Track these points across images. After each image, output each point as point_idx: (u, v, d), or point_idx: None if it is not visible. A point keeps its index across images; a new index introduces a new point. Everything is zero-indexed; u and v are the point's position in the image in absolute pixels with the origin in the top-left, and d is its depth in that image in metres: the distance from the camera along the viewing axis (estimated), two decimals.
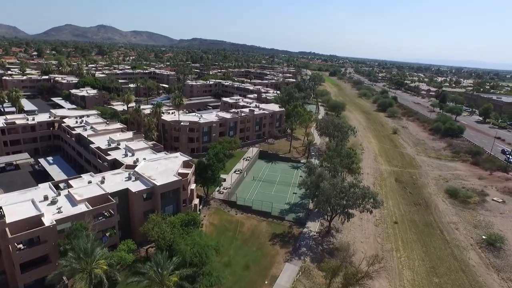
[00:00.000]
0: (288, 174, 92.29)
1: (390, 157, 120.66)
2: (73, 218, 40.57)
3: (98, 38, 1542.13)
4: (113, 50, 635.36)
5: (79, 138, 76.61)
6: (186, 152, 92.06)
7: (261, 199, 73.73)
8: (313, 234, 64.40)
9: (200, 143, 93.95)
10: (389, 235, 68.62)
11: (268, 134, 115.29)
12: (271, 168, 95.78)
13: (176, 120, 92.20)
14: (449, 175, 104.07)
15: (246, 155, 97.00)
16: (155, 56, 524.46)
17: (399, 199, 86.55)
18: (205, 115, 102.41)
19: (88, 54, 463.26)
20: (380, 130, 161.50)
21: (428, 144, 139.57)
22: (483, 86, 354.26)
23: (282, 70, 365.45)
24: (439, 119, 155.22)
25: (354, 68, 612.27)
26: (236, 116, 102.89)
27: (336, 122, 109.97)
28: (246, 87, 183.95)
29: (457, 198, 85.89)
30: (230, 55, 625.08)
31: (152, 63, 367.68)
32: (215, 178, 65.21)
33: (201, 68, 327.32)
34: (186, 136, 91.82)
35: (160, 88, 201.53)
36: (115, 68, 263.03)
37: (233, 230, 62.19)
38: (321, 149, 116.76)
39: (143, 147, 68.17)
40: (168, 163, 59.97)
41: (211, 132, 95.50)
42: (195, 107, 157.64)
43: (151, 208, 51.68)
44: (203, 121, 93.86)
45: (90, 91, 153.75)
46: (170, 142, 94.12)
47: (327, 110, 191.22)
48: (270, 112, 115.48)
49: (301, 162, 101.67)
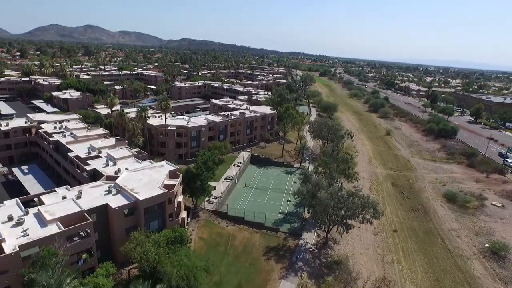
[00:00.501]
0: (281, 180, 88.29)
1: (385, 159, 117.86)
2: (41, 242, 35.56)
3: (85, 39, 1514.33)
4: (100, 50, 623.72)
5: (57, 145, 71.10)
6: (174, 158, 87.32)
7: (253, 209, 69.51)
8: (309, 246, 60.49)
9: (188, 149, 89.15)
10: (389, 245, 65.16)
11: (259, 137, 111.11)
12: (263, 174, 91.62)
13: (163, 125, 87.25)
14: (445, 178, 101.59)
15: (237, 161, 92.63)
16: (144, 56, 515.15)
17: (397, 205, 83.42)
18: (193, 119, 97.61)
19: (74, 54, 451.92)
20: (373, 132, 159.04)
21: (422, 145, 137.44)
22: (471, 86, 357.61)
23: (273, 70, 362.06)
24: (432, 120, 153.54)
25: (344, 68, 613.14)
26: (226, 120, 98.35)
27: (329, 125, 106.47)
28: (236, 88, 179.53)
29: (456, 203, 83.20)
30: (220, 56, 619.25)
31: (140, 64, 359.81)
32: (205, 188, 60.70)
33: (190, 69, 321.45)
34: (173, 141, 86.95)
35: (147, 90, 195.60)
36: (101, 69, 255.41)
37: (224, 244, 57.79)
38: (314, 153, 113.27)
39: (126, 155, 63.18)
40: (152, 173, 55.22)
41: (200, 137, 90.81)
42: (183, 110, 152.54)
43: (134, 224, 46.93)
44: (191, 125, 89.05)
45: (73, 93, 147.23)
46: (156, 147, 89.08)
47: (319, 111, 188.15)
48: (261, 114, 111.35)
49: (294, 167, 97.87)
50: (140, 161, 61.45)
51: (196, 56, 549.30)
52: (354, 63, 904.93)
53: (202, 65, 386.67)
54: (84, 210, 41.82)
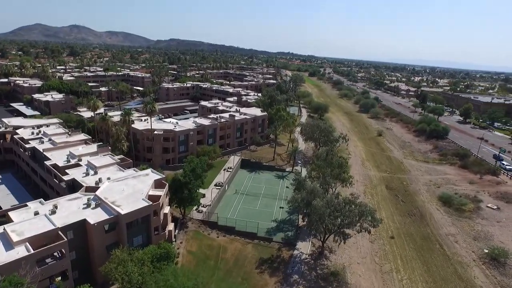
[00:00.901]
0: (273, 185, 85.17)
1: (378, 161, 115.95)
2: (5, 269, 31.42)
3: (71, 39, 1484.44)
4: (86, 51, 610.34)
5: (33, 152, 66.36)
6: (161, 163, 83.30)
7: (245, 217, 66.28)
8: (304, 257, 57.48)
9: (176, 154, 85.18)
10: (387, 253, 62.65)
11: (250, 140, 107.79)
12: (254, 178, 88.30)
13: (149, 129, 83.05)
14: (439, 179, 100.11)
15: (227, 165, 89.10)
16: (131, 57, 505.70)
17: (392, 209, 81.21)
18: (181, 122, 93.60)
19: (59, 55, 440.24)
20: (365, 133, 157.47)
21: (414, 146, 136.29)
22: (458, 86, 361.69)
23: (262, 71, 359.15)
24: (424, 120, 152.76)
25: (333, 68, 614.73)
26: (215, 123, 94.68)
27: (322, 127, 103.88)
28: (226, 89, 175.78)
29: (452, 206, 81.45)
30: (209, 56, 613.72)
31: (127, 65, 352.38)
32: (193, 197, 57.04)
33: (178, 69, 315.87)
34: (160, 146, 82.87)
35: (134, 92, 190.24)
36: (86, 70, 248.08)
37: (214, 257, 54.24)
38: (306, 155, 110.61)
39: (108, 163, 58.99)
40: (136, 183, 51.29)
41: (188, 141, 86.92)
42: (171, 112, 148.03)
43: (115, 241, 43.05)
44: (179, 129, 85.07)
45: (55, 95, 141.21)
46: (142, 153, 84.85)
47: (309, 112, 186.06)
48: (251, 117, 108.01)
49: (286, 171, 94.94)
50: (123, 169, 57.40)
51: (184, 57, 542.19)
52: (343, 63, 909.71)
53: (191, 66, 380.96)
54: (59, 227, 37.76)
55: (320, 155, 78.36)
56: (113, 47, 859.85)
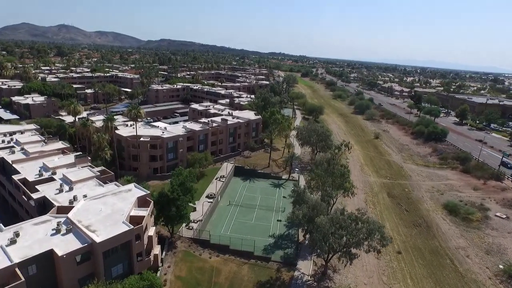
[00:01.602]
0: (270, 194, 79.47)
1: (377, 166, 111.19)
2: None
3: (59, 39, 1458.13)
4: (75, 51, 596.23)
5: (2, 164, 59.41)
6: (148, 172, 76.96)
7: (240, 232, 60.54)
8: (306, 278, 51.89)
9: (164, 162, 78.81)
10: (395, 271, 57.47)
11: (243, 146, 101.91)
12: (249, 187, 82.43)
13: (135, 135, 76.54)
14: (442, 185, 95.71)
15: (220, 173, 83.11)
16: (120, 57, 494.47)
17: (396, 219, 76.24)
18: (170, 127, 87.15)
19: (45, 55, 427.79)
20: (361, 135, 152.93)
21: (413, 149, 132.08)
22: (450, 86, 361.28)
23: (254, 71, 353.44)
24: (421, 123, 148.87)
25: (325, 69, 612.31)
26: (207, 128, 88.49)
27: (319, 131, 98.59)
28: (217, 91, 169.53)
29: (458, 215, 76.88)
30: (200, 57, 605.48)
31: (116, 66, 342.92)
32: (182, 215, 50.93)
33: (169, 70, 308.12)
34: (147, 154, 76.41)
35: (122, 94, 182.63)
36: (72, 71, 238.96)
37: (206, 283, 48.21)
38: (303, 161, 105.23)
39: (86, 177, 52.46)
40: (117, 202, 45.00)
41: (178, 148, 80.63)
42: (161, 115, 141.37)
43: (90, 272, 36.83)
44: (167, 136, 78.68)
45: (36, 98, 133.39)
46: (128, 161, 78.29)
47: (304, 114, 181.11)
48: (245, 120, 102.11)
49: (283, 179, 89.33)
50: (103, 184, 50.94)
51: (175, 57, 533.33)
52: (335, 63, 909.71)
53: (182, 66, 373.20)
54: (16, 263, 31.37)
55: (319, 163, 72.94)
56: (103, 48, 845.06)
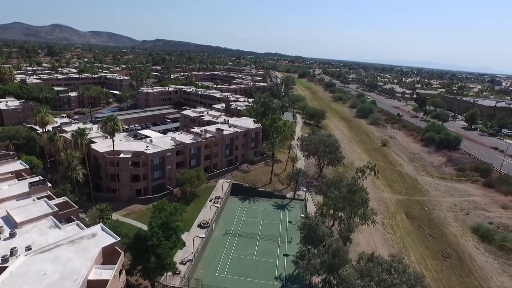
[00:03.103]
0: (273, 219, 68.01)
1: (389, 179, 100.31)
2: None
3: (52, 38, 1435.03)
4: (67, 51, 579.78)
5: None
6: (130, 194, 65.14)
7: (238, 274, 49.39)
8: None
9: (149, 182, 66.97)
10: None
11: (241, 158, 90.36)
12: (248, 210, 70.88)
13: (113, 151, 64.71)
14: (465, 203, 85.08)
15: (214, 194, 71.55)
16: (113, 58, 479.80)
17: (421, 248, 65.23)
18: (156, 140, 75.11)
19: (34, 55, 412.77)
20: (368, 142, 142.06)
21: (425, 158, 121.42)
22: (451, 87, 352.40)
23: (251, 72, 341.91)
24: (431, 129, 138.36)
25: (322, 69, 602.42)
26: (199, 140, 76.72)
27: (327, 142, 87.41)
28: (212, 94, 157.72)
29: (492, 242, 66.32)
30: (195, 57, 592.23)
31: (107, 66, 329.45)
32: (164, 264, 39.28)
33: (162, 71, 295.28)
34: (128, 174, 64.57)
35: (109, 97, 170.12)
36: (58, 72, 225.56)
37: None
38: (308, 174, 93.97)
39: (39, 215, 40.40)
40: (73, 256, 33.21)
41: (165, 165, 68.91)
42: (150, 121, 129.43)
43: None
44: (152, 151, 66.80)
45: (12, 102, 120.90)
46: (105, 181, 66.39)
47: (305, 119, 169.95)
48: (243, 130, 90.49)
49: (287, 198, 77.92)
50: (60, 225, 39.04)
51: (170, 57, 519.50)
52: (331, 64, 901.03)
53: (176, 67, 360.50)
54: None
55: (333, 183, 61.82)
56: (97, 47, 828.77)
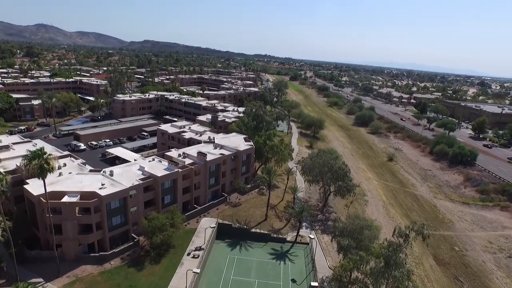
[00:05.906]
0: (271, 276, 51.61)
1: (404, 205, 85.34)
2: None
3: (37, 39, 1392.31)
4: (49, 51, 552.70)
5: None
6: (78, 252, 48.01)
7: None
8: None
9: (105, 232, 49.71)
10: None
11: (230, 187, 73.64)
12: (239, 264, 54.28)
13: (55, 192, 47.51)
14: (501, 239, 70.48)
15: (195, 243, 54.83)
16: (97, 59, 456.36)
17: None
18: (118, 170, 57.70)
19: (10, 56, 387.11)
20: (372, 156, 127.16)
21: (439, 176, 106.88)
22: (446, 91, 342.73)
23: (241, 75, 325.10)
24: (442, 141, 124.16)
25: (313, 72, 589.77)
26: (175, 170, 59.81)
27: (334, 167, 71.56)
28: (197, 102, 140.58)
29: None
30: (183, 58, 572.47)
31: (88, 68, 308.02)
32: None
33: (146, 74, 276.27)
34: (74, 224, 47.36)
35: (81, 104, 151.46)
36: (27, 75, 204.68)
37: None
38: (309, 203, 78.03)
39: None
40: None
41: (127, 207, 51.84)
42: (125, 135, 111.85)
43: None
44: (109, 192, 49.52)
45: None
46: (44, 233, 48.95)
47: (300, 128, 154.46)
48: (232, 152, 73.59)
49: (287, 241, 61.74)
50: None
51: (157, 59, 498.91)
52: (321, 66, 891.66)
53: (162, 70, 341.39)
54: None
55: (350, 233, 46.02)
56: (83, 48, 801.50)
